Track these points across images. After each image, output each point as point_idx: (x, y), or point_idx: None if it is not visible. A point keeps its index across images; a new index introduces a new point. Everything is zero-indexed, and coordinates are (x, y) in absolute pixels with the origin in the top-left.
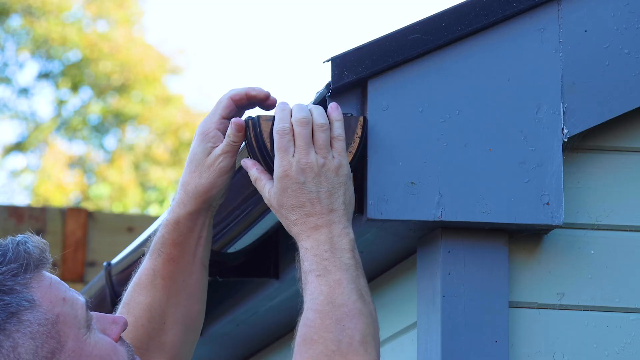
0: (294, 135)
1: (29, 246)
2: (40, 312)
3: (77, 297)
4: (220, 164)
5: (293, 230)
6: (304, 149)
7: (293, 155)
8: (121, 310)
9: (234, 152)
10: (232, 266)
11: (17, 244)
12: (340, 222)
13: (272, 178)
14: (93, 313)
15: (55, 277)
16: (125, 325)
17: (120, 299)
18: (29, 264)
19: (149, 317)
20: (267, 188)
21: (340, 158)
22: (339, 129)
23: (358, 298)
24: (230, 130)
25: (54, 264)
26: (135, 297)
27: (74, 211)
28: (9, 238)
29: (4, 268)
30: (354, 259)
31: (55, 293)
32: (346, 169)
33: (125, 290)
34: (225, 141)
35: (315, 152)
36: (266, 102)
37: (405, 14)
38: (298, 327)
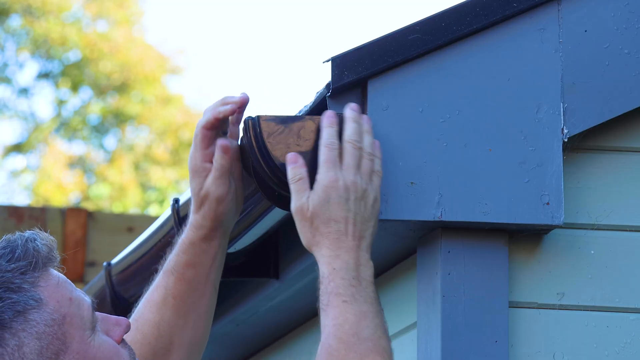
0: (340, 153)
1: (38, 244)
2: (47, 312)
3: (84, 297)
4: (215, 192)
5: (321, 243)
6: (352, 169)
7: (339, 171)
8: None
9: (226, 175)
10: (232, 266)
11: (26, 240)
12: (366, 251)
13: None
14: (97, 314)
15: (62, 275)
16: (128, 328)
17: (119, 298)
18: (37, 262)
19: (157, 335)
20: (307, 193)
21: (376, 193)
22: (379, 165)
23: (382, 335)
24: (216, 155)
25: None
26: (145, 314)
27: (74, 211)
28: (18, 234)
29: (13, 265)
30: (375, 293)
31: (62, 293)
32: (378, 205)
33: (136, 306)
34: (213, 168)
35: (360, 175)
36: (241, 109)
37: (405, 14)
38: (319, 350)
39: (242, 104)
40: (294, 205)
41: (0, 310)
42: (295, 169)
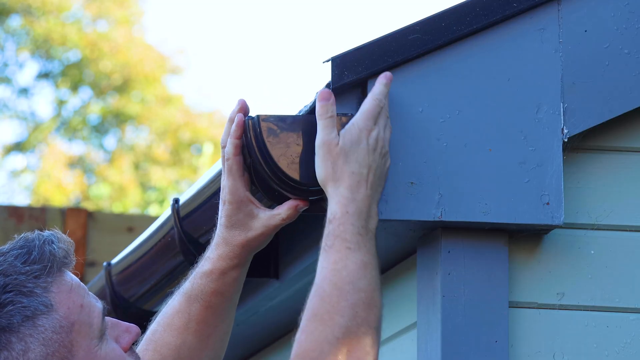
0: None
1: (55, 247)
2: (56, 319)
3: (95, 303)
4: (270, 221)
5: (341, 181)
6: (383, 127)
7: (376, 124)
8: (147, 346)
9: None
10: None
11: (44, 242)
12: (377, 203)
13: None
14: (108, 319)
15: (76, 279)
16: (137, 336)
17: (119, 298)
18: (52, 267)
19: (176, 357)
20: (335, 129)
21: (388, 165)
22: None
23: (376, 288)
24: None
25: None
26: (165, 337)
27: (74, 211)
28: (37, 233)
29: (27, 268)
30: (376, 247)
31: (74, 299)
32: (387, 170)
33: (149, 325)
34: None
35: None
36: (246, 111)
37: (405, 14)
38: (312, 292)
39: (242, 107)
40: (321, 138)
41: (10, 314)
42: (327, 106)
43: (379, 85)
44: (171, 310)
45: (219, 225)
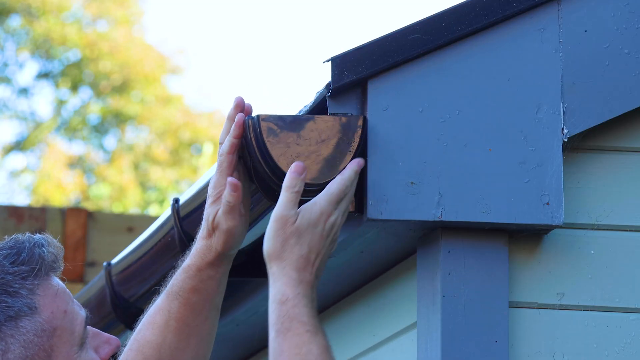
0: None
1: (45, 250)
2: (39, 322)
3: (79, 311)
4: (225, 225)
5: (288, 260)
6: (343, 212)
7: (337, 209)
8: (131, 345)
9: (235, 211)
10: (232, 266)
11: (34, 245)
12: (316, 289)
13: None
14: (89, 328)
15: (62, 285)
16: (117, 348)
17: (119, 298)
18: (40, 269)
19: (158, 357)
20: (296, 206)
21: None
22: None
23: None
24: (226, 191)
25: None
26: (147, 336)
27: (74, 211)
28: (28, 235)
29: (15, 269)
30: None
31: (58, 304)
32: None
33: (137, 325)
34: (222, 203)
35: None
36: (243, 109)
37: (405, 14)
38: None
39: (239, 104)
40: (279, 212)
41: None
42: (296, 180)
43: (349, 170)
44: (154, 308)
45: (203, 220)
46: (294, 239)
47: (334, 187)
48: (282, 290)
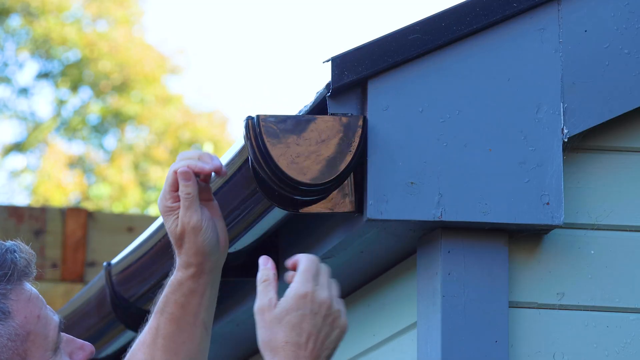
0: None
1: (17, 256)
2: (12, 326)
3: (52, 316)
4: (190, 223)
5: (276, 350)
6: (326, 286)
7: (318, 285)
8: None
9: (195, 203)
10: (232, 266)
11: (6, 251)
12: None
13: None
14: (63, 335)
15: (35, 291)
16: (91, 354)
17: (119, 298)
18: (12, 275)
19: None
20: (271, 294)
21: (343, 327)
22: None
23: None
24: (180, 184)
25: (54, 264)
26: (136, 354)
27: (74, 211)
28: None
29: None
30: None
31: (31, 309)
32: (341, 337)
33: (131, 345)
34: (181, 199)
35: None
36: (209, 177)
37: (405, 14)
38: None
39: (211, 172)
40: (257, 304)
41: None
42: (263, 271)
43: (308, 257)
44: (145, 328)
45: (169, 236)
46: (275, 327)
47: (302, 264)
48: None
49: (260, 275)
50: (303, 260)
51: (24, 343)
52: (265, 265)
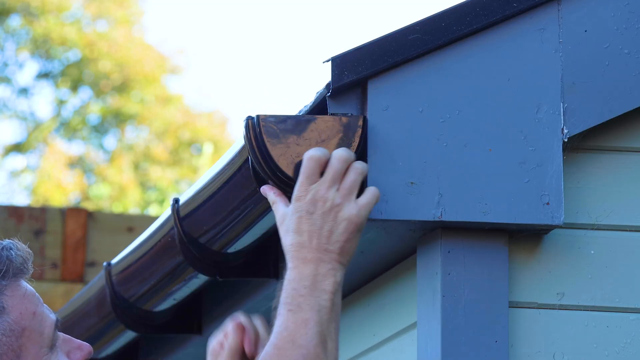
0: (325, 167)
1: (13, 253)
2: (7, 322)
3: (48, 314)
4: None
5: (285, 253)
6: (328, 182)
7: (313, 184)
8: None
9: (240, 353)
10: (232, 266)
11: (2, 248)
12: (330, 262)
13: (287, 201)
14: (60, 334)
15: (31, 289)
16: (89, 354)
17: (119, 298)
18: (7, 271)
19: None
20: (281, 209)
21: (360, 211)
22: (375, 191)
23: (319, 343)
24: (230, 333)
25: (54, 264)
26: None
27: (74, 211)
28: None
29: None
30: (331, 302)
31: (27, 305)
32: (359, 223)
33: None
34: (226, 350)
35: (338, 189)
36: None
37: (405, 14)
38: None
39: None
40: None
41: None
42: (269, 198)
43: (315, 147)
44: None
45: None
46: (284, 234)
47: (302, 165)
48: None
49: (270, 202)
50: (303, 160)
51: (18, 339)
52: (269, 193)
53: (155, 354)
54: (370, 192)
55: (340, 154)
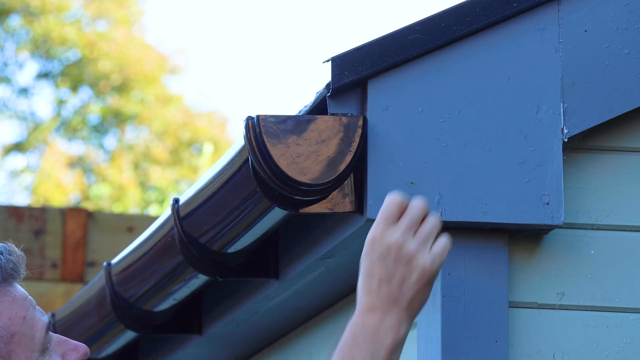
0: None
1: (2, 258)
2: None
3: (40, 317)
4: None
5: (358, 299)
6: (404, 229)
7: (391, 227)
8: None
9: None
10: (232, 266)
11: None
12: (397, 314)
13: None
14: (55, 336)
15: (22, 292)
16: (85, 356)
17: (119, 298)
18: None
19: None
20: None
21: (435, 261)
22: (447, 241)
23: None
24: None
25: (54, 264)
26: None
27: (74, 211)
28: None
29: None
30: (387, 357)
31: (16, 310)
32: (432, 273)
33: None
34: None
35: (413, 237)
36: None
37: (405, 14)
38: None
39: None
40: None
41: None
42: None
43: (398, 196)
44: None
45: None
46: (360, 270)
47: (382, 207)
48: (347, 329)
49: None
50: (385, 201)
51: (7, 344)
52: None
53: (155, 354)
54: (443, 242)
55: (420, 203)
